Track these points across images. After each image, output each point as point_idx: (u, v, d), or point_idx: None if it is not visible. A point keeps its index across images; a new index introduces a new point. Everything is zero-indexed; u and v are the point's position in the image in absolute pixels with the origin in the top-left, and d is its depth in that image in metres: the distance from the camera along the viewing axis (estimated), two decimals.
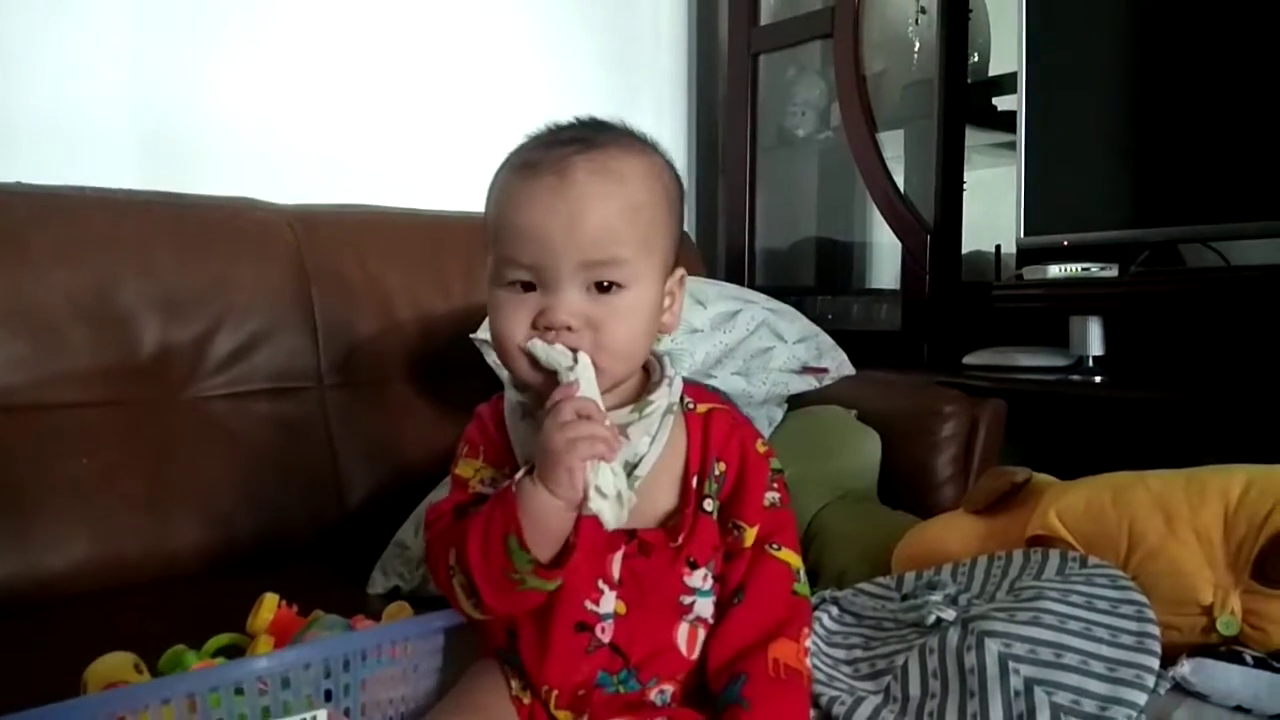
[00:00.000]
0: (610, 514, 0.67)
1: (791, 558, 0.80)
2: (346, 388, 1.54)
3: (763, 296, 1.66)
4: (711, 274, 2.10)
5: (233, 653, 0.90)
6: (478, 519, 0.71)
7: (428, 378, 1.60)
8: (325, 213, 1.62)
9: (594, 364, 0.72)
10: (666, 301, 0.78)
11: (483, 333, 1.44)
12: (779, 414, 1.59)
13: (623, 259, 0.72)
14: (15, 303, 1.29)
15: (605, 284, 0.72)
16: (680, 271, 0.80)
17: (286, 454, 1.45)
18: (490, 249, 0.76)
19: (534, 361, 0.72)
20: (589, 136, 0.74)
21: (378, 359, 1.57)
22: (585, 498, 0.67)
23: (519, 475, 0.70)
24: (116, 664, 0.82)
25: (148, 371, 1.38)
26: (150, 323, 1.38)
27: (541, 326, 0.72)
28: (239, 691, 0.68)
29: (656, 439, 0.76)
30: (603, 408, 0.70)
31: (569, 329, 0.71)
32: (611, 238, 0.71)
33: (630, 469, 0.74)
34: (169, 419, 1.38)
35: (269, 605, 0.91)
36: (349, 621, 0.90)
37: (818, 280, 2.38)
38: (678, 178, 0.79)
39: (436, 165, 1.92)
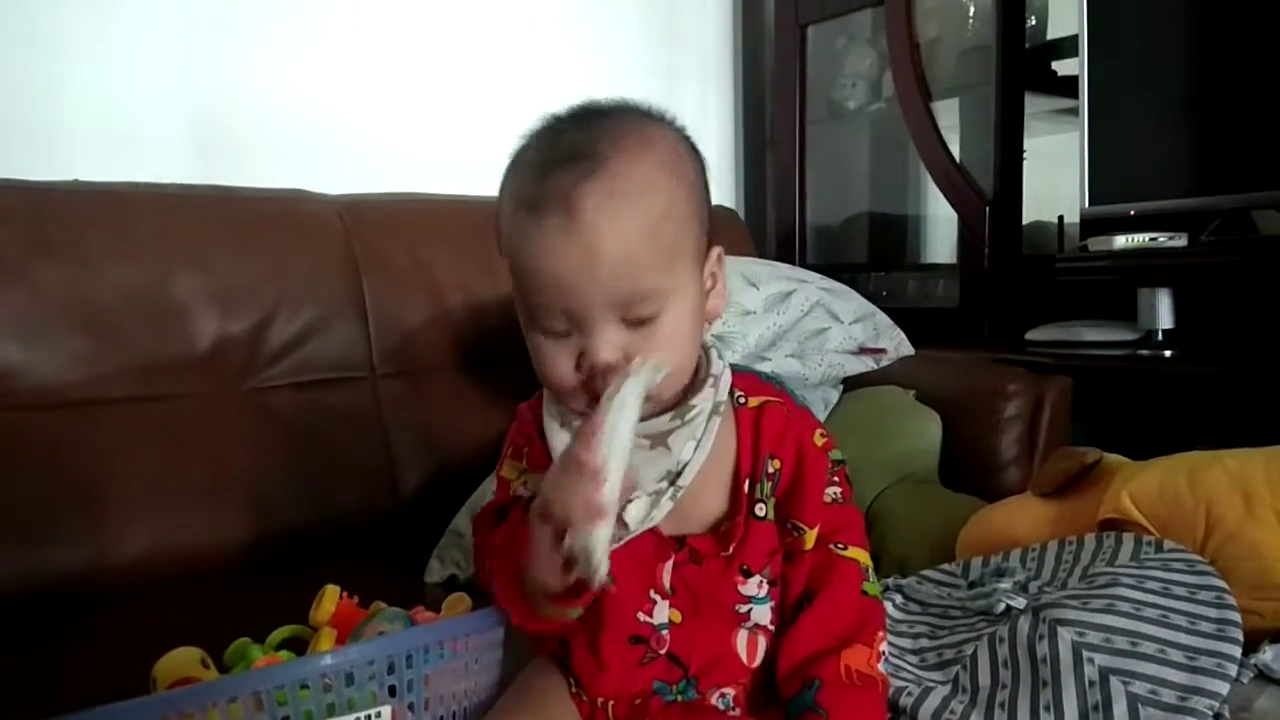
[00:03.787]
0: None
1: (859, 555, 0.75)
2: (398, 377, 1.55)
3: (817, 276, 1.63)
4: (761, 252, 2.07)
5: (296, 645, 0.91)
6: (501, 537, 0.69)
7: (478, 365, 1.60)
8: (374, 202, 1.62)
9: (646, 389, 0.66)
10: (709, 284, 0.73)
11: None
12: (834, 396, 1.56)
13: (649, 290, 0.66)
14: (73, 299, 1.31)
15: (640, 318, 0.67)
16: (716, 250, 0.74)
17: (342, 444, 1.46)
18: (515, 290, 0.71)
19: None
20: (589, 147, 0.66)
21: (429, 348, 1.58)
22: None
23: (530, 501, 0.67)
24: (184, 659, 0.82)
25: (205, 364, 1.39)
26: (206, 316, 1.39)
27: (585, 369, 0.68)
28: (304, 687, 0.68)
29: (701, 444, 0.71)
30: (623, 462, 0.62)
31: (612, 367, 0.67)
32: (634, 270, 0.65)
33: (673, 478, 0.70)
34: (227, 411, 1.39)
35: (330, 597, 0.92)
36: (409, 613, 0.90)
37: (871, 256, 2.33)
38: (697, 153, 0.73)
39: (482, 147, 1.89)
